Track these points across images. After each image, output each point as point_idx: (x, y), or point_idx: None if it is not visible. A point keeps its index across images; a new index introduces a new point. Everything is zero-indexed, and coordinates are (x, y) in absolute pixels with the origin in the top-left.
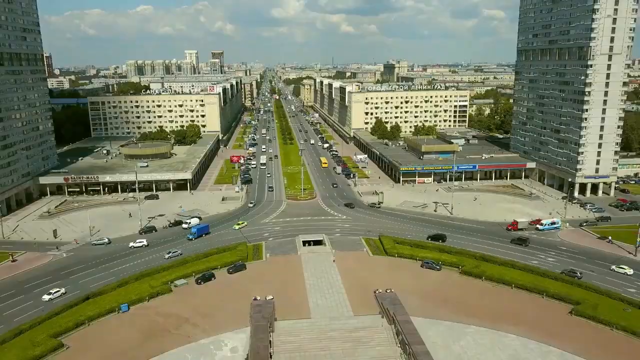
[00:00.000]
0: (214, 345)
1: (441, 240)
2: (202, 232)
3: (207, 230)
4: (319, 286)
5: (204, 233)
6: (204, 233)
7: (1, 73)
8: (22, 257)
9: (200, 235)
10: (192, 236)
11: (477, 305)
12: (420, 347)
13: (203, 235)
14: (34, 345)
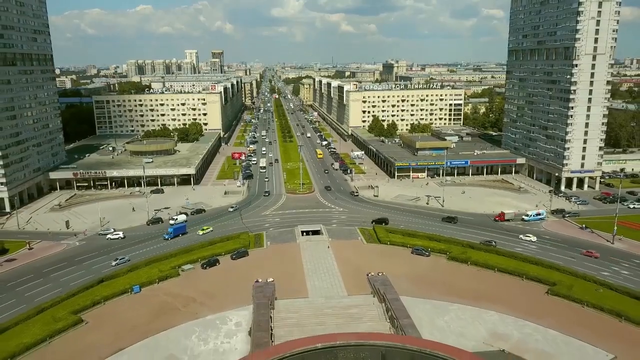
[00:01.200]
0: (220, 320)
1: (384, 223)
2: (179, 232)
3: (184, 230)
4: (316, 270)
5: (181, 233)
6: (180, 233)
7: (14, 73)
8: (38, 246)
9: (176, 235)
10: (168, 236)
11: (462, 286)
12: (407, 320)
13: (180, 235)
14: (55, 321)
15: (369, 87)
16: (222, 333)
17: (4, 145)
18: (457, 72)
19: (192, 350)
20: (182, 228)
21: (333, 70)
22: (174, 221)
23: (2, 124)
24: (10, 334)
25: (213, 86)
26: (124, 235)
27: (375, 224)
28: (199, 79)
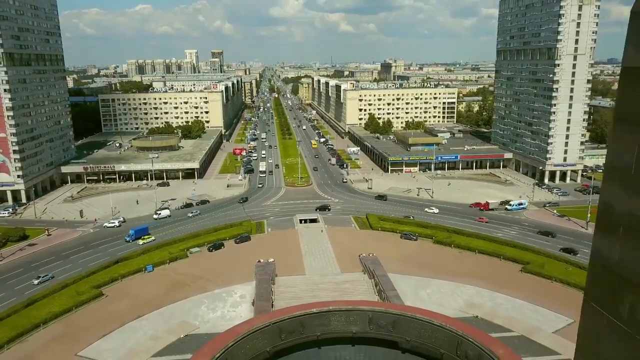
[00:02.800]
0: (226, 293)
1: (327, 210)
2: (141, 234)
3: (147, 232)
4: (312, 252)
5: (143, 235)
6: (142, 235)
7: (29, 72)
8: (55, 232)
9: (138, 237)
10: (130, 238)
11: (445, 266)
12: (393, 292)
13: (141, 237)
14: (79, 294)
15: (366, 86)
16: (229, 304)
17: (20, 140)
18: (455, 72)
19: (203, 317)
20: (144, 230)
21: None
22: (157, 215)
23: (18, 120)
24: (40, 305)
25: (215, 85)
26: (119, 223)
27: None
28: (199, 78)
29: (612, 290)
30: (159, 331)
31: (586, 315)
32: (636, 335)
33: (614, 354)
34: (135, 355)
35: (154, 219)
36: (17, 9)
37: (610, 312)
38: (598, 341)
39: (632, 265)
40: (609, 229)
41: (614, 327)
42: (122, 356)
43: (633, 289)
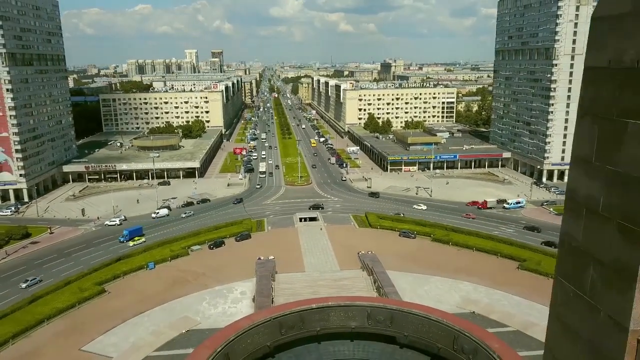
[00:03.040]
0: (227, 290)
1: (321, 209)
2: (135, 235)
3: (140, 232)
4: (312, 250)
5: (137, 236)
6: (136, 236)
7: (31, 72)
8: (58, 231)
9: (132, 238)
10: (124, 238)
11: (443, 263)
12: (391, 288)
13: (135, 238)
14: (82, 290)
15: (365, 86)
16: (229, 300)
17: (22, 139)
18: (454, 72)
19: (204, 313)
20: (138, 230)
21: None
22: (155, 214)
23: (20, 120)
24: (44, 301)
25: (215, 85)
26: (120, 222)
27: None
28: (199, 78)
29: (577, 266)
30: (161, 326)
31: (556, 289)
32: (597, 304)
33: (578, 320)
34: (137, 349)
35: (153, 217)
36: (19, 9)
37: (576, 285)
38: (566, 311)
39: (592, 243)
40: (574, 211)
41: (579, 298)
42: (125, 351)
43: (594, 264)
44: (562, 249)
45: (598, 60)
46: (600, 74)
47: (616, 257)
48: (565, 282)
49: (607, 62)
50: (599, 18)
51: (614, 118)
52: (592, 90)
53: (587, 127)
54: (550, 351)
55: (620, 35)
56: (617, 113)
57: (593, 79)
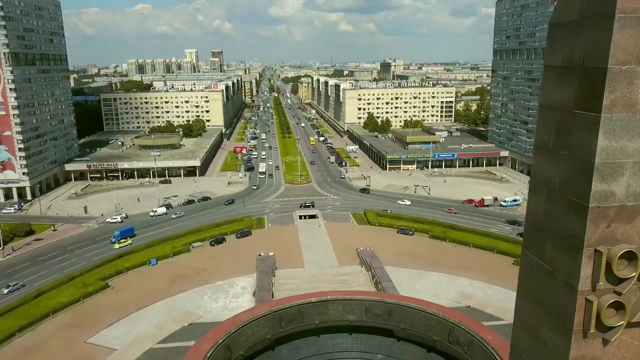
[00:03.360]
0: (228, 285)
1: (312, 206)
2: (126, 235)
3: (132, 233)
4: (311, 247)
5: (129, 236)
6: (128, 236)
7: (34, 72)
8: (61, 228)
9: (124, 238)
10: (115, 239)
11: (439, 259)
12: (389, 283)
13: (127, 238)
14: (85, 286)
15: (365, 86)
16: (230, 294)
17: (25, 138)
18: (454, 71)
19: (205, 307)
20: (130, 231)
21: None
22: (153, 213)
23: (23, 119)
24: (49, 296)
25: (215, 84)
26: (121, 219)
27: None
28: (199, 78)
29: (539, 239)
30: (163, 320)
31: (523, 261)
32: (554, 271)
33: (540, 286)
34: (141, 342)
35: (151, 215)
36: (22, 9)
37: (538, 255)
38: (530, 279)
39: (550, 217)
40: (536, 191)
41: (540, 267)
42: (128, 343)
43: (552, 237)
44: (527, 225)
45: (554, 60)
46: (556, 72)
47: (568, 228)
48: (530, 254)
49: (560, 61)
50: (555, 24)
51: (566, 110)
52: (550, 86)
53: (546, 118)
54: (518, 316)
55: (570, 39)
56: (569, 105)
57: (550, 76)
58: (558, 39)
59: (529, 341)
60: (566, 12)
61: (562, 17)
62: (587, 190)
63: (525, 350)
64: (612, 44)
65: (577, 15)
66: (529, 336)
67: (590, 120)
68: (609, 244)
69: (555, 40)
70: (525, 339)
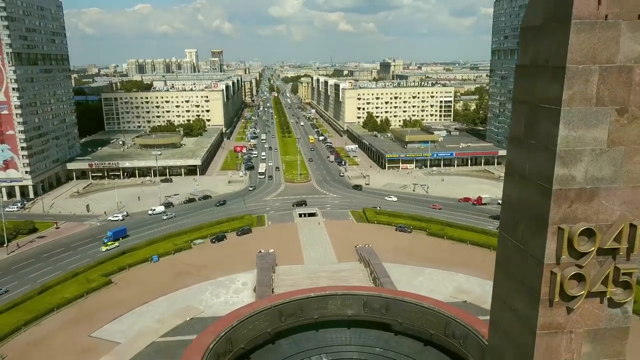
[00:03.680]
0: (229, 280)
1: (304, 205)
2: (119, 236)
3: (125, 233)
4: (311, 244)
5: (121, 236)
6: (120, 236)
7: (36, 72)
8: (64, 226)
9: (117, 239)
10: (108, 239)
11: (437, 256)
12: (387, 279)
13: (120, 239)
14: (89, 282)
15: (364, 85)
16: (231, 290)
17: (28, 137)
18: (453, 71)
19: (207, 302)
20: (122, 231)
21: (332, 69)
22: (152, 212)
23: (26, 118)
24: (53, 291)
25: (215, 84)
26: (123, 217)
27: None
28: (199, 77)
29: (513, 220)
30: (166, 315)
31: (499, 242)
32: (525, 248)
33: (513, 262)
34: (144, 336)
35: (149, 214)
36: (25, 9)
37: (512, 235)
38: (505, 258)
39: (522, 201)
40: (510, 178)
41: (514, 246)
42: (132, 337)
43: (523, 218)
44: (503, 208)
45: (524, 60)
46: (525, 71)
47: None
48: (505, 235)
49: (529, 61)
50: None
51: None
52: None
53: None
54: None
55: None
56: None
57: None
58: (527, 41)
59: (505, 313)
60: (533, 17)
61: (530, 22)
62: (550, 175)
63: (502, 321)
64: (570, 46)
65: (543, 20)
66: (504, 308)
67: (553, 113)
68: (570, 223)
69: (524, 43)
70: (501, 311)
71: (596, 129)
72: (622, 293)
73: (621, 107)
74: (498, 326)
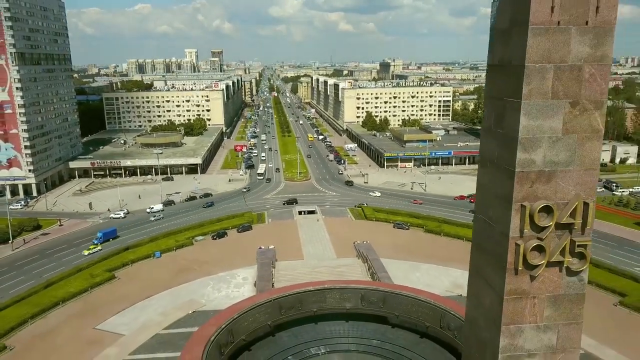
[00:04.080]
0: (229, 276)
1: (295, 203)
2: (109, 237)
3: (115, 234)
4: (310, 240)
5: (111, 237)
6: (110, 237)
7: (39, 71)
8: (67, 223)
9: (107, 240)
10: (98, 240)
11: (434, 252)
12: (384, 274)
13: (110, 240)
14: (93, 277)
15: (364, 85)
16: (232, 285)
17: (31, 136)
18: (453, 71)
19: (208, 296)
20: (112, 232)
21: (331, 69)
22: (150, 210)
23: (29, 117)
24: (58, 286)
25: (216, 84)
26: (124, 215)
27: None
28: (199, 77)
29: (485, 201)
30: (168, 308)
31: (475, 220)
32: (494, 224)
33: (485, 237)
34: (147, 328)
35: (147, 212)
36: (28, 10)
37: (485, 215)
38: (480, 235)
39: (492, 183)
40: (483, 164)
41: (486, 224)
42: (136, 329)
43: (493, 198)
44: (478, 191)
45: (493, 60)
46: (494, 69)
47: (503, 190)
48: (479, 215)
49: (497, 61)
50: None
51: (501, 98)
52: (491, 80)
53: (489, 106)
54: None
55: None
56: (502, 94)
57: (491, 72)
58: (495, 42)
59: (479, 283)
60: (501, 22)
61: (499, 24)
62: (514, 159)
63: (476, 292)
64: (528, 48)
65: (509, 23)
66: (478, 279)
67: (515, 105)
68: (531, 201)
69: (493, 44)
70: (476, 282)
71: (552, 119)
72: (578, 263)
73: (574, 100)
74: (473, 296)
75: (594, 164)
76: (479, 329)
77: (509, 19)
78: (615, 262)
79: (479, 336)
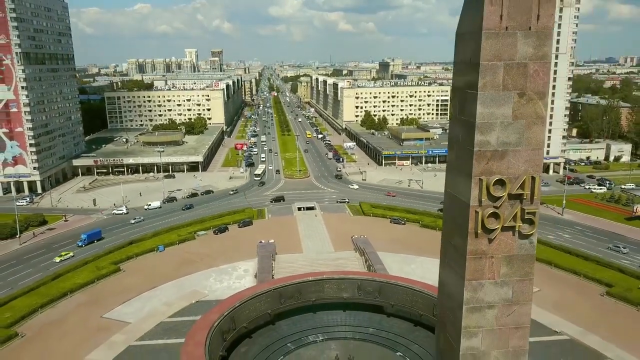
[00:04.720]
0: (231, 268)
1: (282, 200)
2: (94, 238)
3: (99, 236)
4: (309, 235)
5: (96, 239)
6: (95, 239)
7: (43, 71)
8: (72, 219)
9: (91, 242)
10: (82, 242)
11: (428, 246)
12: (380, 266)
13: (95, 242)
14: (99, 269)
15: (362, 84)
16: (234, 276)
17: (36, 134)
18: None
19: (211, 287)
20: (97, 234)
21: (331, 69)
22: (147, 206)
23: (34, 116)
24: (65, 278)
25: (216, 83)
26: (127, 210)
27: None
28: (199, 77)
29: (453, 178)
30: (172, 298)
31: (445, 196)
32: (459, 196)
33: (452, 208)
34: (152, 317)
35: (145, 209)
36: (33, 10)
37: (453, 190)
38: (448, 206)
39: (458, 164)
40: (451, 147)
41: (454, 197)
42: (141, 317)
43: (458, 175)
44: (447, 171)
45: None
46: (458, 66)
47: (465, 167)
48: (448, 190)
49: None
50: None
51: (463, 90)
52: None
53: (455, 97)
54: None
55: (463, 44)
56: (464, 87)
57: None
58: (459, 44)
59: (448, 248)
60: (462, 26)
61: (462, 28)
62: (472, 140)
63: (446, 255)
64: (482, 48)
65: (470, 27)
66: (447, 245)
67: (473, 95)
68: (488, 175)
69: (458, 45)
70: (446, 247)
71: (503, 107)
72: (528, 227)
73: (521, 92)
74: (445, 262)
75: (540, 144)
76: (448, 286)
77: (467, 25)
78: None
79: (449, 292)
